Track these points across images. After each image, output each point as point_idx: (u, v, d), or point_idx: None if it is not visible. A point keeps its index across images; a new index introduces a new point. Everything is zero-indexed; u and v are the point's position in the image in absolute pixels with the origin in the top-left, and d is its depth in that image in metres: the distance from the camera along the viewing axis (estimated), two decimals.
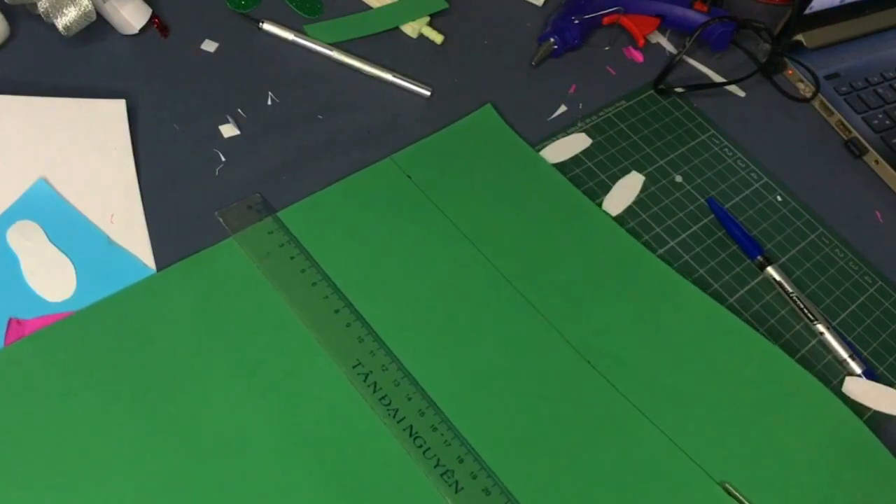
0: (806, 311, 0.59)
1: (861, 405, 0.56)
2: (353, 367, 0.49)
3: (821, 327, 0.59)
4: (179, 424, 0.45)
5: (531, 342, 0.53)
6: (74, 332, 0.47)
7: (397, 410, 0.48)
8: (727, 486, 0.48)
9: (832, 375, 0.57)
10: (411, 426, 0.48)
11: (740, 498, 0.48)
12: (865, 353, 0.59)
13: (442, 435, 0.48)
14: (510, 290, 0.55)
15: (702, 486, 0.48)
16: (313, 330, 0.50)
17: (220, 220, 0.54)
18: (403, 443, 0.47)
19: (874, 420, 0.55)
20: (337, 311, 0.51)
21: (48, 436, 0.44)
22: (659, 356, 0.54)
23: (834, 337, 0.58)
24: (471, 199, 0.59)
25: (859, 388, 0.56)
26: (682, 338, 0.55)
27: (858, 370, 0.57)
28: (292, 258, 0.53)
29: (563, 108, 0.68)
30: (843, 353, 0.58)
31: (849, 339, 0.59)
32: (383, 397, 0.48)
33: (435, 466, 0.46)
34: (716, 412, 0.51)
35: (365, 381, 0.49)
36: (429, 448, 0.47)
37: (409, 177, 0.59)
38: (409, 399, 0.49)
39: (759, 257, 0.61)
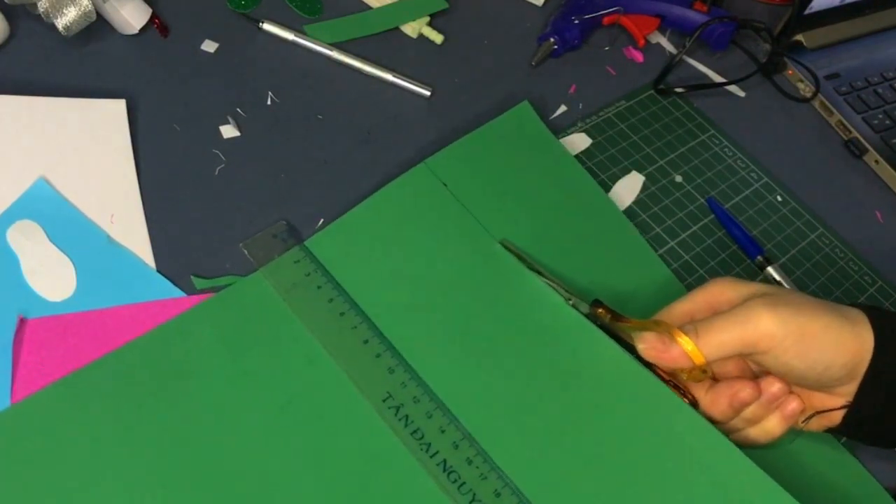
0: None
1: None
2: (384, 400, 0.47)
3: None
4: (210, 466, 0.44)
5: (578, 368, 0.50)
6: (101, 376, 0.46)
7: (430, 445, 0.46)
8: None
9: None
10: (445, 460, 0.46)
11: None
12: None
13: (478, 468, 0.46)
14: (566, 311, 0.52)
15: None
16: (342, 363, 0.49)
17: (245, 252, 0.53)
18: (437, 478, 0.45)
19: None
20: (366, 342, 0.49)
21: (78, 481, 0.43)
22: None
23: None
24: (510, 209, 0.57)
25: None
26: None
27: None
28: (319, 287, 0.51)
29: (563, 108, 0.68)
30: None
31: None
32: (415, 431, 0.47)
33: (471, 502, 0.45)
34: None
35: (396, 414, 0.47)
36: (464, 483, 0.45)
37: (445, 185, 0.57)
38: (443, 432, 0.47)
39: (759, 257, 0.61)
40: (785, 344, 0.44)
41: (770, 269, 0.61)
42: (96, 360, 0.47)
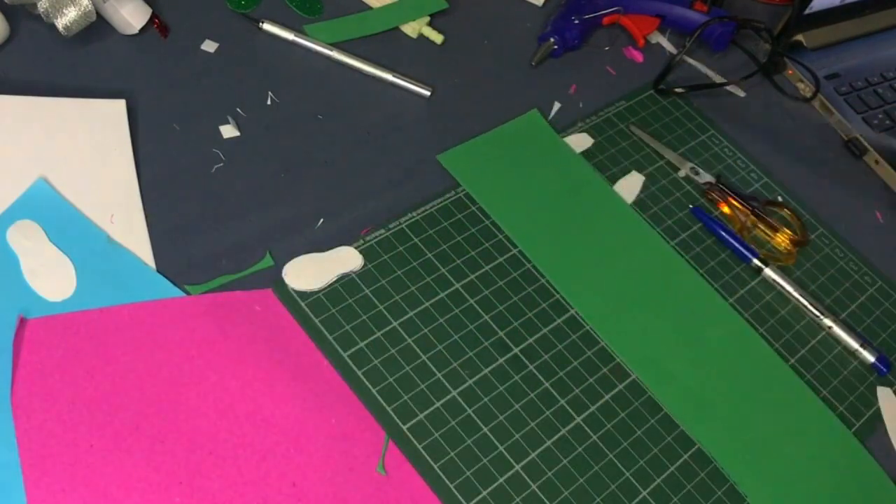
0: (811, 307, 0.60)
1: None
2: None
3: (828, 321, 0.59)
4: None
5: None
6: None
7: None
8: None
9: (842, 366, 0.58)
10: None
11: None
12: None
13: None
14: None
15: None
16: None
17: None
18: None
19: None
20: None
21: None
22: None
23: (843, 329, 0.59)
24: (523, 206, 0.60)
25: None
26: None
27: (871, 358, 0.58)
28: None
29: (563, 108, 0.68)
30: (854, 344, 0.59)
31: (859, 329, 0.60)
32: None
33: None
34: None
35: None
36: None
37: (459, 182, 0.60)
38: None
39: (754, 261, 0.61)
40: None
41: (768, 271, 0.61)
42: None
